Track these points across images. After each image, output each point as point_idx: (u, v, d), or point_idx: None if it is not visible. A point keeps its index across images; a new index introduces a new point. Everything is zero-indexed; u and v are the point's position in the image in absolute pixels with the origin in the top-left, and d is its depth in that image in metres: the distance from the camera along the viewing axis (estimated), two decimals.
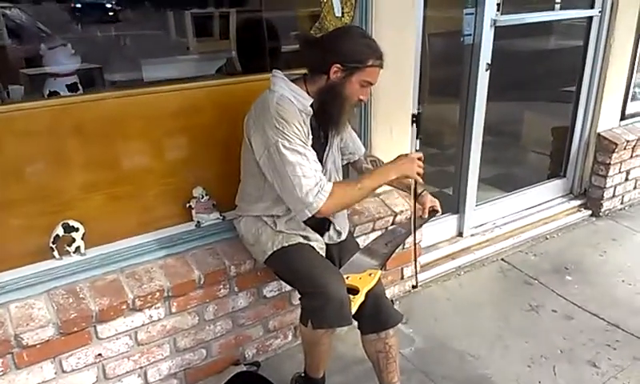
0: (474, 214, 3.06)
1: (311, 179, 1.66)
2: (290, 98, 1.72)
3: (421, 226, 2.05)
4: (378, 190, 2.45)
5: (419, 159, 1.79)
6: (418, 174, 1.78)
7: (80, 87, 2.20)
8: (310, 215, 1.69)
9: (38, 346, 1.66)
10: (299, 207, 1.68)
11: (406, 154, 1.82)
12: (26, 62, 2.53)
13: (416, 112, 1.79)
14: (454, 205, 3.06)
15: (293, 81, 1.78)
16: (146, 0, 3.36)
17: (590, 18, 3.13)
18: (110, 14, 3.51)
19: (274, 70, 1.80)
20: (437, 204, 2.01)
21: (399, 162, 1.80)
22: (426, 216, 1.99)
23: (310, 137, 1.74)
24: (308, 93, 1.77)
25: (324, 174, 1.88)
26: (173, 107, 2.01)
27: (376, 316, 1.82)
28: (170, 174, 2.06)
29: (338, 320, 1.67)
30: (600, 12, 3.09)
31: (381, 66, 1.75)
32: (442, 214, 2.95)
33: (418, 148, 1.80)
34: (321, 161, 1.88)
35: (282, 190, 1.71)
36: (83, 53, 2.32)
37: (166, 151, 2.06)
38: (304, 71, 1.83)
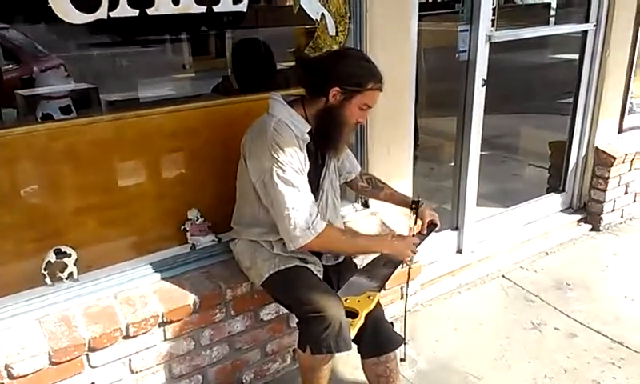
0: (473, 230, 3.03)
1: (301, 212, 1.65)
2: (287, 123, 1.71)
3: (421, 241, 2.03)
4: (376, 208, 2.44)
5: (414, 244, 1.85)
6: (409, 260, 1.88)
7: (73, 109, 2.18)
8: (296, 247, 1.69)
9: (29, 376, 1.61)
10: (287, 238, 1.69)
11: (405, 237, 1.89)
12: (20, 83, 2.52)
13: (416, 199, 1.92)
14: (452, 221, 3.03)
15: (291, 103, 1.76)
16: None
17: (585, 32, 3.14)
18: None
19: (272, 93, 1.79)
20: (436, 217, 1.99)
21: (396, 243, 1.86)
22: (425, 232, 1.97)
23: (307, 162, 1.72)
24: (306, 116, 1.75)
25: (321, 195, 1.87)
26: (167, 129, 1.99)
27: (376, 339, 1.79)
28: (165, 197, 2.03)
29: (336, 345, 1.62)
30: (595, 26, 3.09)
31: (380, 90, 1.74)
32: (441, 230, 2.95)
33: (414, 233, 1.92)
34: (318, 182, 1.87)
35: (275, 218, 1.71)
36: (79, 73, 2.30)
37: (160, 173, 2.04)
38: (302, 92, 1.81)
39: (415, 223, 1.91)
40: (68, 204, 1.84)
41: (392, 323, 1.90)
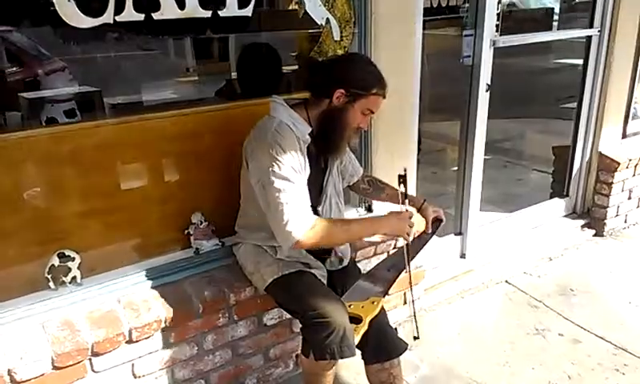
0: (476, 235, 3.02)
1: (294, 208, 1.61)
2: (288, 124, 1.70)
3: (427, 242, 2.01)
4: (380, 212, 2.43)
5: (410, 218, 1.77)
6: (408, 234, 1.76)
7: (78, 113, 2.17)
8: (289, 245, 1.64)
9: (32, 380, 1.60)
10: (280, 236, 1.64)
11: (399, 212, 1.78)
12: (24, 86, 2.51)
13: (403, 173, 1.76)
14: (456, 226, 3.02)
15: (293, 106, 1.76)
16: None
17: (589, 37, 3.13)
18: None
19: (273, 96, 1.78)
20: (440, 213, 1.98)
21: (391, 220, 1.77)
22: (430, 231, 1.96)
23: (307, 165, 1.71)
24: (308, 118, 1.75)
25: (324, 199, 1.87)
26: (171, 133, 1.98)
27: (380, 345, 1.78)
28: (168, 200, 2.03)
29: (340, 351, 1.62)
30: (599, 31, 3.09)
31: (384, 96, 1.74)
32: (445, 235, 2.94)
33: (407, 208, 1.80)
34: (321, 186, 1.86)
35: (269, 218, 1.67)
36: (82, 75, 2.30)
37: (164, 177, 2.04)
38: (304, 96, 1.81)
39: (406, 197, 1.78)
40: (72, 208, 1.84)
41: (396, 329, 1.89)
